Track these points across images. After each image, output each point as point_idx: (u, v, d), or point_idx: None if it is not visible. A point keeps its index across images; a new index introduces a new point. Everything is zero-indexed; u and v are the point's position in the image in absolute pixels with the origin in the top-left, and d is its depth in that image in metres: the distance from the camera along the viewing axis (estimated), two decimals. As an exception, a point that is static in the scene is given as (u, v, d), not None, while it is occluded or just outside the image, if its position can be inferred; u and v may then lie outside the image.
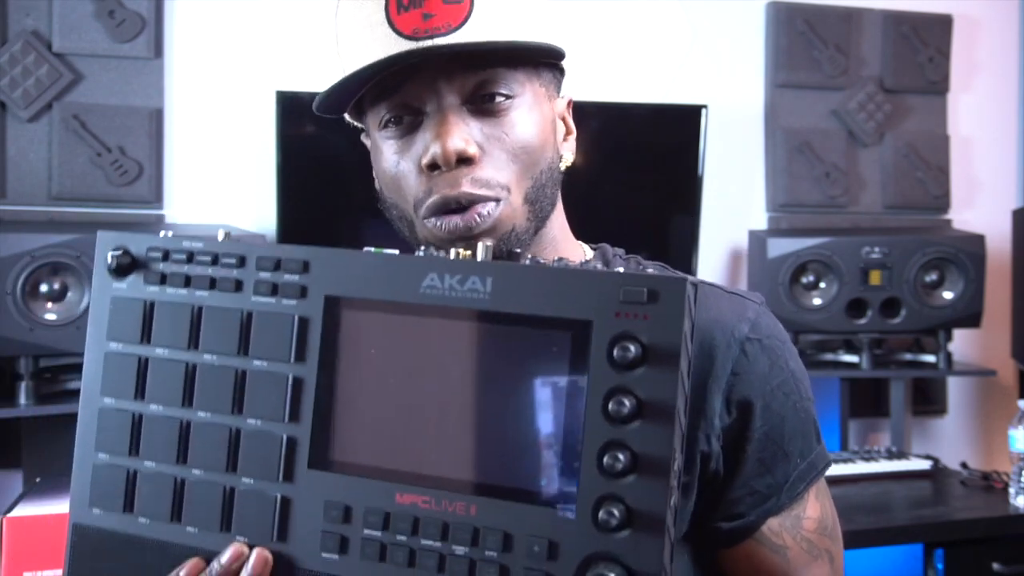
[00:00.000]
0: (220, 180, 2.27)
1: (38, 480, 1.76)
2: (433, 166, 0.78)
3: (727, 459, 0.83)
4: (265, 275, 0.65)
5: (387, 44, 0.77)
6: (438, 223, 0.79)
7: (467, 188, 0.77)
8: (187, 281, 0.67)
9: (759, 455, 0.83)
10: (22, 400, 1.88)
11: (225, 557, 0.63)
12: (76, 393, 1.97)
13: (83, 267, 1.84)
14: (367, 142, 0.89)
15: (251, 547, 0.63)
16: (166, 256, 0.68)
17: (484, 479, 0.59)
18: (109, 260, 0.68)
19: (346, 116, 0.88)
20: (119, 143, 2.15)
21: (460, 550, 0.58)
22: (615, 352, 0.56)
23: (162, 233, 0.68)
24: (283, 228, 2.14)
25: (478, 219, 0.78)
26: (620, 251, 0.94)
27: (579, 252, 0.92)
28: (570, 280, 0.58)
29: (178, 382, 0.66)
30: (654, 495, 0.55)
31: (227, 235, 0.68)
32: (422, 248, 0.64)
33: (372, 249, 0.64)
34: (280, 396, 0.64)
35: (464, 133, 0.77)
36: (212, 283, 0.66)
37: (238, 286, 0.66)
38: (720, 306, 0.84)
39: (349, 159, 2.20)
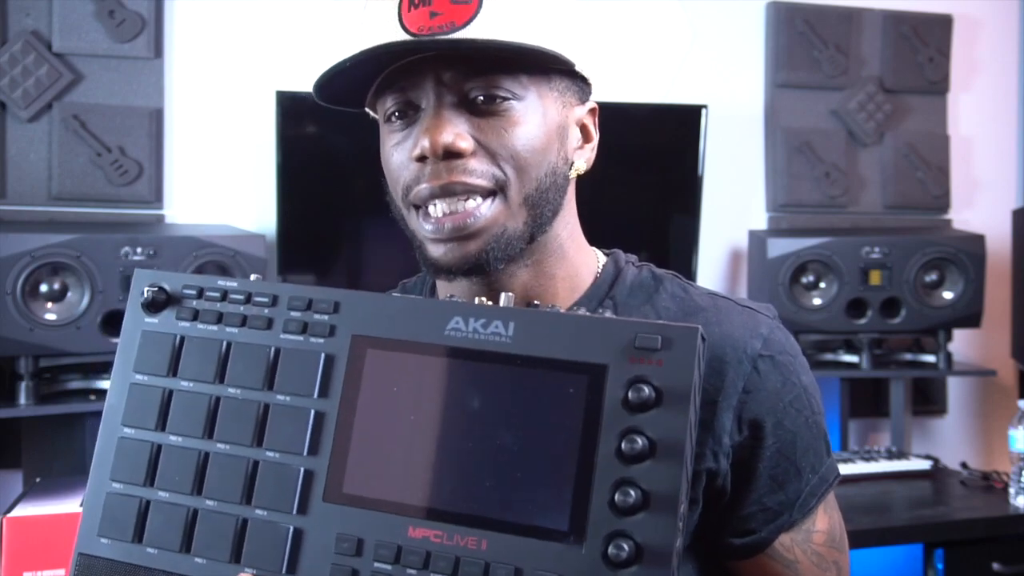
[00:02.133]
0: (220, 180, 2.27)
1: (38, 480, 1.76)
2: (423, 158, 0.79)
3: (738, 476, 0.83)
4: (296, 314, 0.68)
5: (389, 38, 0.78)
6: (425, 224, 0.80)
7: (456, 177, 0.78)
8: (219, 318, 0.69)
9: (771, 472, 0.83)
10: (22, 400, 1.88)
11: None
12: (76, 393, 1.98)
13: (83, 267, 1.84)
14: None
15: None
16: (200, 294, 0.70)
17: (497, 515, 0.60)
18: (145, 295, 0.70)
19: (368, 110, 0.89)
20: (119, 143, 2.15)
21: None
22: (629, 395, 0.59)
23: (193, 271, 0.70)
24: (283, 228, 2.14)
25: (470, 220, 0.78)
26: (633, 258, 0.93)
27: (592, 259, 0.90)
28: (588, 327, 0.62)
29: (201, 414, 0.67)
30: (663, 532, 0.57)
31: (258, 278, 0.70)
32: (449, 295, 0.66)
33: (398, 294, 0.67)
34: (301, 430, 0.65)
35: (456, 128, 0.78)
36: (244, 320, 0.68)
37: (269, 324, 0.68)
38: (732, 321, 0.84)
39: (349, 159, 2.20)
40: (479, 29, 0.76)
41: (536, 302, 0.65)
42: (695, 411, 0.60)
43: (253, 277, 0.70)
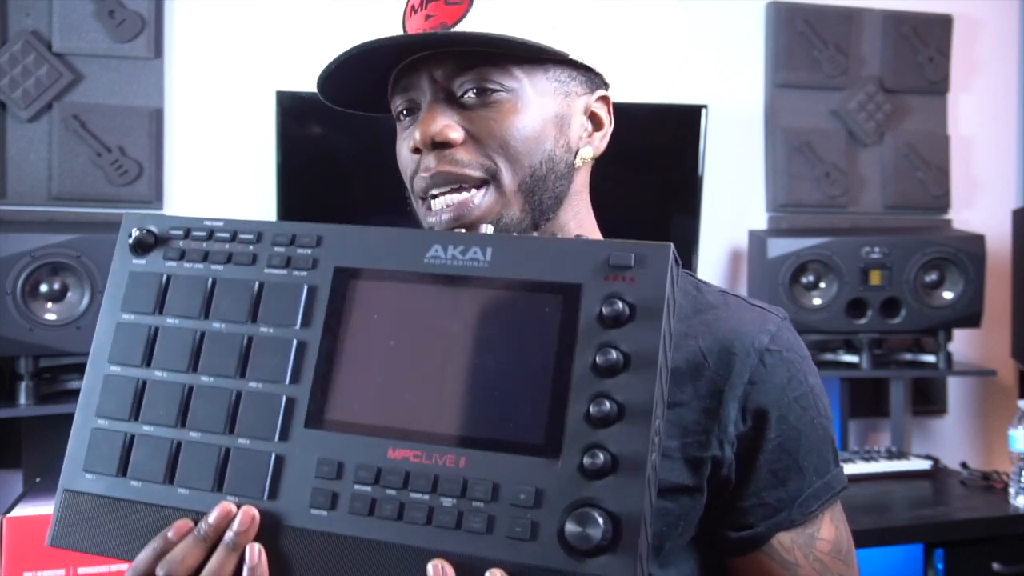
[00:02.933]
0: (220, 180, 2.27)
1: (38, 480, 1.76)
2: (417, 151, 0.83)
3: (740, 467, 0.83)
4: (280, 249, 0.69)
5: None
6: (429, 218, 0.84)
7: (444, 167, 0.81)
8: (205, 256, 0.70)
9: (772, 466, 0.83)
10: (22, 400, 1.88)
11: (213, 516, 0.64)
12: (76, 393, 1.97)
13: (83, 267, 1.84)
14: None
15: (239, 507, 0.64)
16: (187, 234, 0.71)
17: (475, 432, 0.61)
18: (132, 236, 0.72)
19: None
20: (119, 143, 2.15)
21: (448, 502, 0.60)
22: (603, 310, 0.60)
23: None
24: (283, 228, 2.14)
25: (465, 211, 0.81)
26: None
27: None
28: (563, 248, 0.63)
29: (186, 349, 0.68)
30: (637, 442, 0.58)
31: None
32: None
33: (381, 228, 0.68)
34: (284, 359, 0.66)
35: (446, 120, 0.81)
36: (229, 257, 0.70)
37: (253, 259, 0.69)
38: (741, 316, 0.85)
39: (349, 159, 2.20)
40: (468, 27, 0.80)
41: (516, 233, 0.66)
42: (669, 326, 0.61)
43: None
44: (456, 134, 0.81)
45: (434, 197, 0.83)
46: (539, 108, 0.83)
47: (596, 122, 0.89)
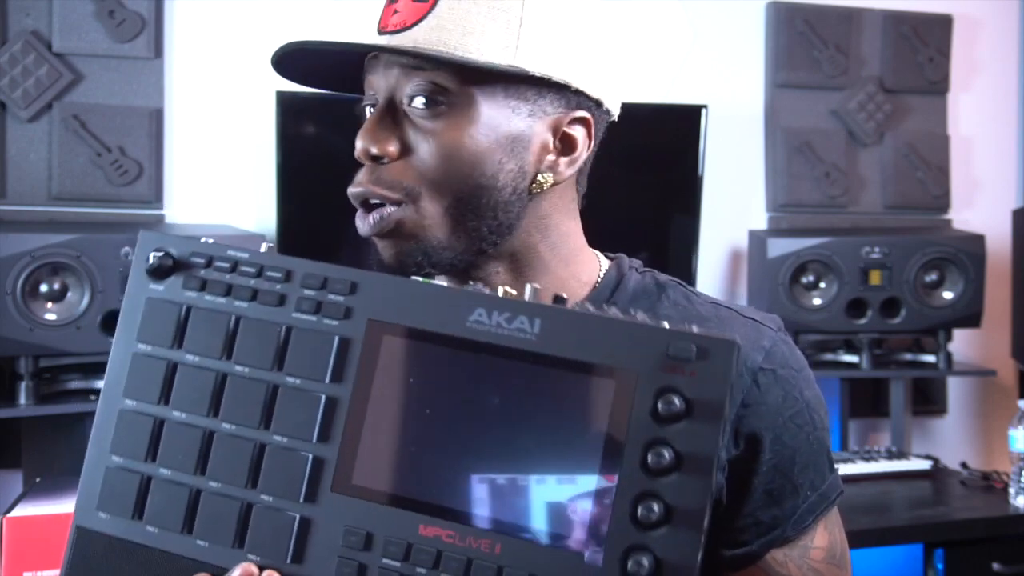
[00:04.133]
0: (220, 180, 2.27)
1: (38, 480, 1.76)
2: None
3: (733, 490, 0.82)
4: (310, 292, 0.64)
5: (363, 32, 0.80)
6: (359, 223, 0.81)
7: (369, 186, 0.78)
8: (228, 290, 0.66)
9: (767, 487, 0.82)
10: (22, 400, 1.88)
11: (235, 575, 0.61)
12: (76, 393, 1.98)
13: (83, 267, 1.84)
14: None
15: (262, 568, 0.61)
16: (209, 263, 0.66)
17: (512, 518, 0.58)
18: (150, 260, 0.66)
19: None
20: (119, 143, 2.15)
21: None
22: (659, 405, 0.57)
23: (203, 239, 0.67)
24: (283, 228, 2.14)
25: (378, 219, 0.78)
26: (637, 263, 0.91)
27: (590, 266, 0.88)
28: (619, 330, 0.59)
29: (206, 390, 0.64)
30: (685, 547, 0.55)
31: (271, 248, 0.67)
32: (471, 283, 0.64)
33: (420, 279, 0.64)
34: (312, 415, 0.62)
35: (381, 132, 0.78)
36: (254, 295, 0.65)
37: (281, 300, 0.65)
38: (734, 332, 0.81)
39: (349, 159, 2.19)
40: (422, 32, 0.76)
41: (564, 295, 0.63)
42: (724, 429, 0.58)
43: (264, 247, 0.66)
44: (392, 148, 0.78)
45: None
46: (488, 127, 0.77)
47: (568, 144, 0.82)
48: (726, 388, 0.56)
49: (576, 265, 0.87)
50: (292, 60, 0.82)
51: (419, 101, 0.77)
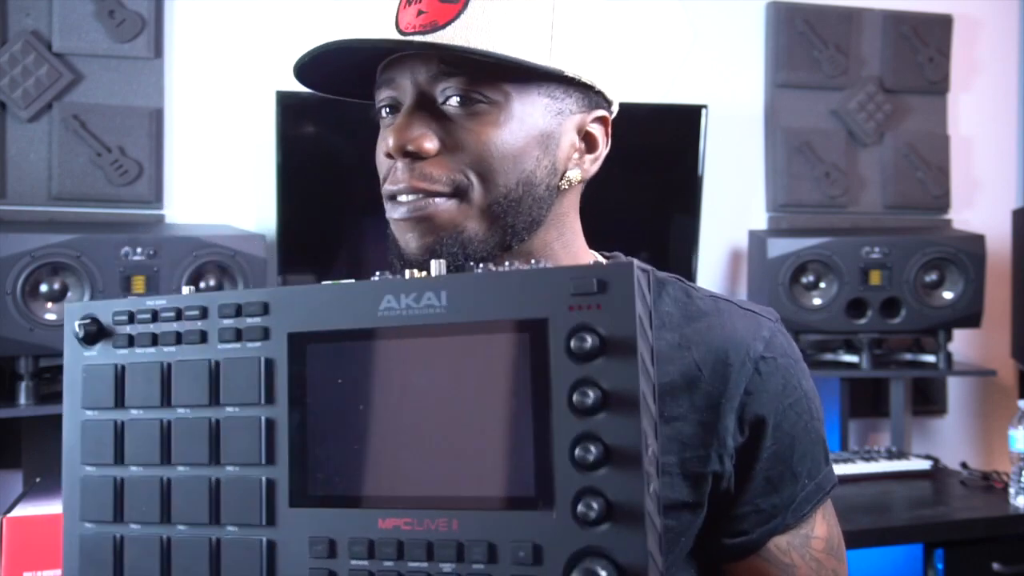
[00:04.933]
0: (220, 180, 2.27)
1: (38, 480, 1.76)
2: (390, 156, 0.79)
3: (737, 476, 0.83)
4: (228, 322, 0.65)
5: (379, 35, 0.79)
6: (394, 212, 0.81)
7: (412, 181, 0.78)
8: (154, 339, 0.67)
9: (767, 474, 0.83)
10: (22, 400, 1.88)
11: None
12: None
13: (83, 267, 1.84)
14: None
15: None
16: (131, 318, 0.68)
17: (462, 492, 0.59)
18: (77, 329, 0.68)
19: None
20: (119, 143, 2.15)
21: (447, 567, 0.58)
22: (572, 345, 0.57)
23: (129, 296, 0.69)
24: (283, 228, 2.14)
25: (429, 209, 0.78)
26: (635, 261, 0.92)
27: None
28: (522, 281, 0.59)
29: (155, 441, 0.66)
30: (630, 484, 0.55)
31: (192, 289, 0.68)
32: (376, 273, 0.64)
33: (329, 282, 0.64)
34: (255, 440, 0.64)
35: (420, 129, 0.77)
36: (179, 338, 0.67)
37: (203, 337, 0.66)
38: (735, 324, 0.84)
39: (349, 159, 2.20)
40: (458, 31, 0.76)
41: (471, 263, 0.63)
42: (650, 349, 0.58)
43: (185, 290, 0.68)
44: (431, 144, 0.77)
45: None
46: (524, 125, 0.79)
47: (590, 143, 0.85)
48: (632, 313, 0.56)
49: (581, 261, 0.88)
50: (316, 65, 0.81)
51: (456, 99, 0.78)
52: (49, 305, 1.85)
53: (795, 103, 2.63)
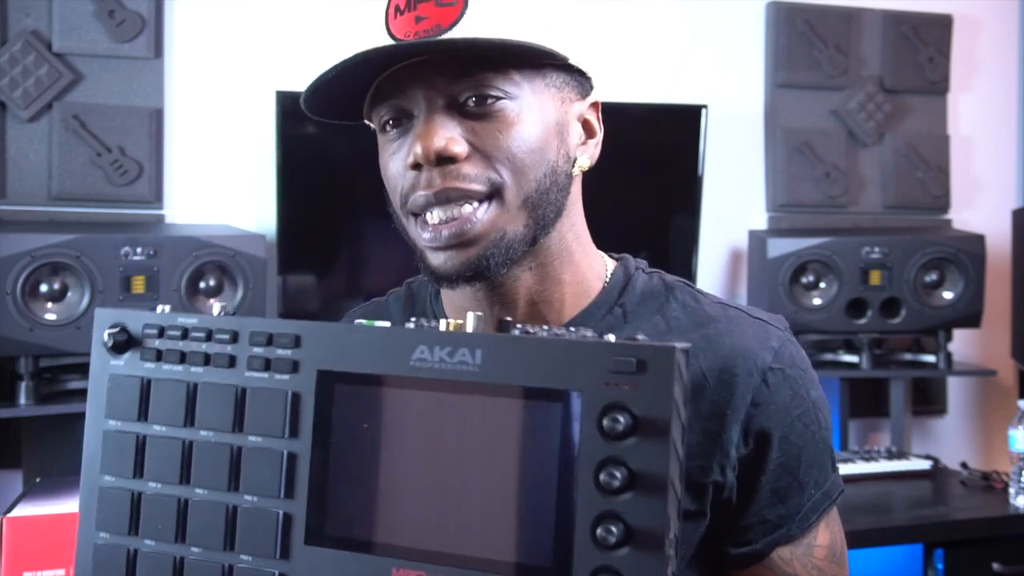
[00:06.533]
0: (220, 180, 2.27)
1: (38, 480, 1.76)
2: (417, 166, 0.78)
3: (741, 488, 0.82)
4: (258, 350, 0.65)
5: (375, 46, 0.77)
6: (423, 233, 0.79)
7: (450, 183, 0.76)
8: (182, 358, 0.67)
9: (773, 485, 0.82)
10: (22, 400, 1.88)
11: None
12: (76, 393, 1.98)
13: (83, 267, 1.84)
14: None
15: None
16: (161, 333, 0.68)
17: (479, 553, 0.59)
18: (106, 338, 0.68)
19: (367, 121, 0.88)
20: (119, 143, 2.15)
21: None
22: (605, 423, 0.56)
23: (159, 309, 0.69)
24: (283, 228, 2.14)
25: (467, 226, 0.77)
26: (643, 263, 0.91)
27: (599, 263, 0.89)
28: (560, 351, 0.58)
29: (175, 460, 0.66)
30: (649, 568, 0.55)
31: (223, 309, 0.68)
32: (412, 321, 0.64)
33: (364, 322, 0.64)
34: (275, 472, 0.64)
35: (448, 132, 0.77)
36: (207, 359, 0.67)
37: (232, 362, 0.66)
38: (743, 332, 0.83)
39: (349, 159, 2.20)
40: (465, 30, 0.75)
41: (509, 319, 0.63)
42: (682, 432, 0.58)
43: (217, 308, 0.68)
44: (460, 148, 0.76)
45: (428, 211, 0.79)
46: (541, 116, 0.79)
47: (588, 129, 0.86)
48: (669, 398, 0.55)
49: (590, 257, 0.88)
50: (319, 95, 0.81)
51: (475, 99, 0.77)
52: (49, 305, 1.85)
53: (795, 103, 2.63)
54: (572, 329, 0.61)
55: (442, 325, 0.62)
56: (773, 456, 0.81)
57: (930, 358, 2.48)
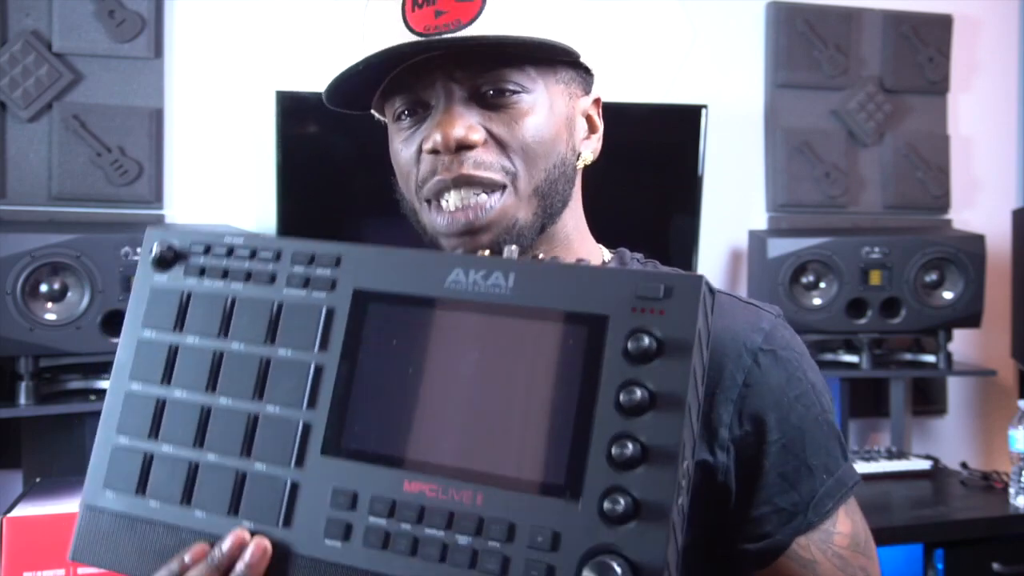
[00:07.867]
0: (220, 180, 2.27)
1: (38, 480, 1.76)
2: (435, 152, 0.80)
3: (745, 474, 0.82)
4: (299, 268, 0.68)
5: (396, 40, 0.79)
6: (437, 218, 0.82)
7: (467, 170, 0.80)
8: (224, 273, 0.69)
9: (780, 469, 0.82)
10: (22, 400, 1.88)
11: (226, 544, 0.63)
12: (76, 393, 1.98)
13: (83, 267, 1.84)
14: None
15: (253, 534, 0.63)
16: (207, 250, 0.70)
17: (493, 469, 0.59)
18: (154, 252, 0.70)
19: (373, 112, 0.91)
20: (119, 143, 2.15)
21: (463, 540, 0.58)
22: (630, 345, 0.57)
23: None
24: (283, 228, 2.14)
25: (481, 213, 0.80)
26: (639, 256, 0.93)
27: (597, 255, 0.92)
28: (589, 277, 0.60)
29: (204, 368, 0.68)
30: (661, 487, 0.55)
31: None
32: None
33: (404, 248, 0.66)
34: (301, 383, 0.65)
35: (468, 121, 0.80)
36: (248, 276, 0.69)
37: (272, 279, 0.68)
38: (734, 315, 0.83)
39: (349, 159, 2.20)
40: (485, 25, 0.78)
41: (539, 254, 0.64)
42: (702, 363, 0.59)
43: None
44: (479, 135, 0.80)
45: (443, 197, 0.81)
46: (553, 109, 0.83)
47: (591, 125, 0.90)
48: (694, 323, 0.57)
49: (589, 247, 0.91)
50: (341, 87, 0.83)
51: (493, 91, 0.81)
52: (49, 305, 1.85)
53: (795, 103, 2.63)
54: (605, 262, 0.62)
55: (478, 254, 0.65)
56: (773, 438, 0.81)
57: (930, 358, 2.48)
